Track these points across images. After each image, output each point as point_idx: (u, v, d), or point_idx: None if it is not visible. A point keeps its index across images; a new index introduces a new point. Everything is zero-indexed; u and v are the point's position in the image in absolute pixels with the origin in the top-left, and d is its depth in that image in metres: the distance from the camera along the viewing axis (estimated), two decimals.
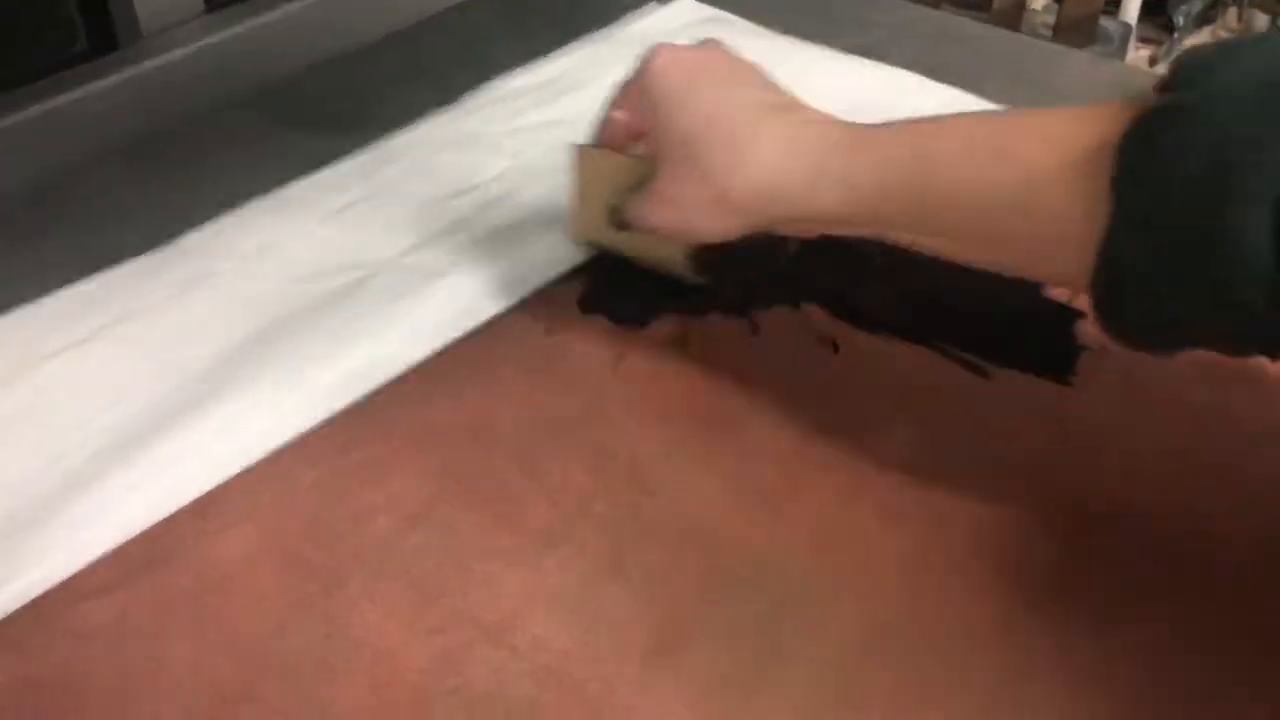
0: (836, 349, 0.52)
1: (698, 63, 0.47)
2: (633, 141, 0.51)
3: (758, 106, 0.45)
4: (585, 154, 0.53)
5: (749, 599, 0.42)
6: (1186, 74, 0.35)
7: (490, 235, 0.58)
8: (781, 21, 0.76)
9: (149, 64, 0.74)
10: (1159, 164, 0.34)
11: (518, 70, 0.72)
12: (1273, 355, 0.36)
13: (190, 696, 0.39)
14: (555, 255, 0.57)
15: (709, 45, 0.49)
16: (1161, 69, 1.33)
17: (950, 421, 0.49)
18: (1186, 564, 0.43)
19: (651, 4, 0.78)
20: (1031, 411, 0.49)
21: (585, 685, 0.39)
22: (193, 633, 0.41)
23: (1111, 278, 0.36)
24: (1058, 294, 0.53)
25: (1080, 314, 0.53)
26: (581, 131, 0.53)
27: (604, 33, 0.75)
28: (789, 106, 0.46)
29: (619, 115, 0.51)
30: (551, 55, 0.73)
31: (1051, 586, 0.42)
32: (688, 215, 0.46)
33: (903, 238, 0.43)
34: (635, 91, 0.48)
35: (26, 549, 0.43)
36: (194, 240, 0.59)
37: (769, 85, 0.47)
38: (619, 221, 0.50)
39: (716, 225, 0.45)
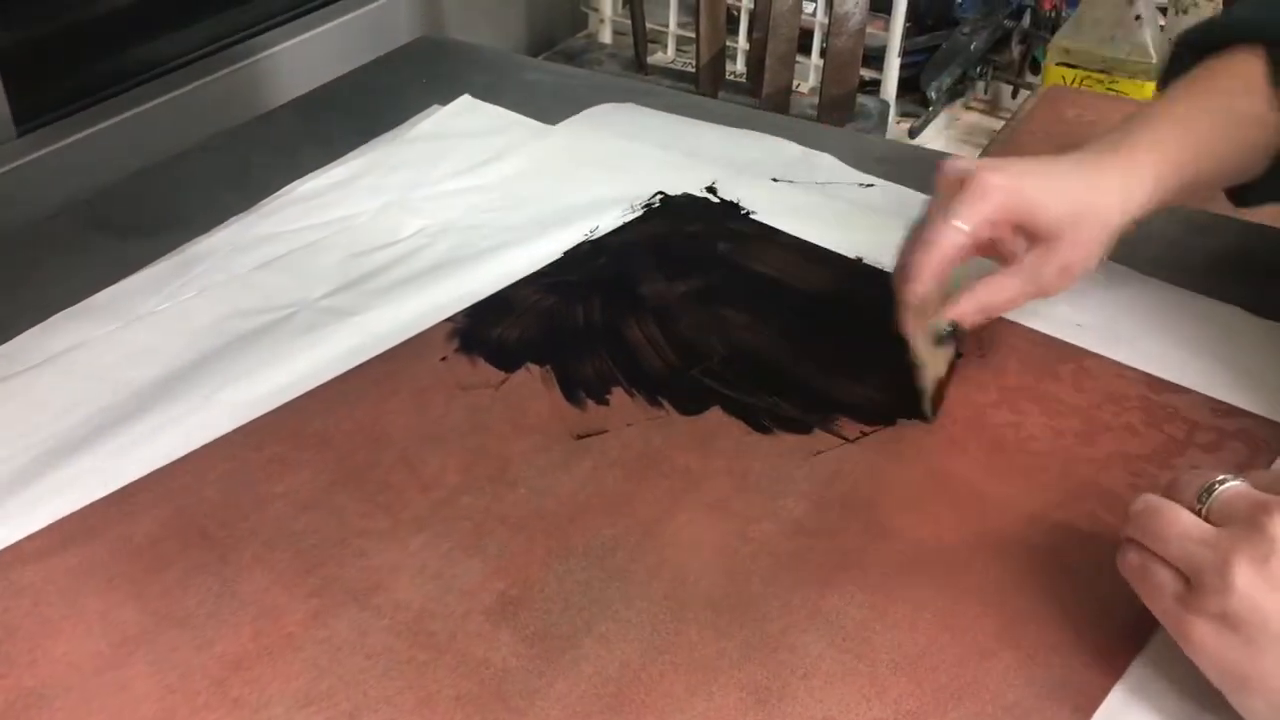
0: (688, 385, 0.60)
1: None
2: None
3: None
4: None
5: (584, 571, 0.49)
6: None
7: (393, 285, 0.67)
8: (550, 116, 0.84)
9: None
10: None
11: (311, 174, 0.77)
12: None
13: (98, 640, 0.46)
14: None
15: None
16: (922, 139, 1.48)
17: (774, 439, 0.56)
18: (981, 537, 0.50)
19: (433, 106, 0.86)
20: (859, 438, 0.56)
21: (434, 636, 0.46)
22: (105, 590, 0.48)
23: None
24: None
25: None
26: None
27: (392, 133, 0.83)
28: None
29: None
30: (345, 157, 0.79)
31: (843, 568, 0.49)
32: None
33: None
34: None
35: None
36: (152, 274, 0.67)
37: None
38: (945, 339, 0.56)
39: None
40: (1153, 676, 0.44)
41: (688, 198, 0.74)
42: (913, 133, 1.48)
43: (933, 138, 1.55)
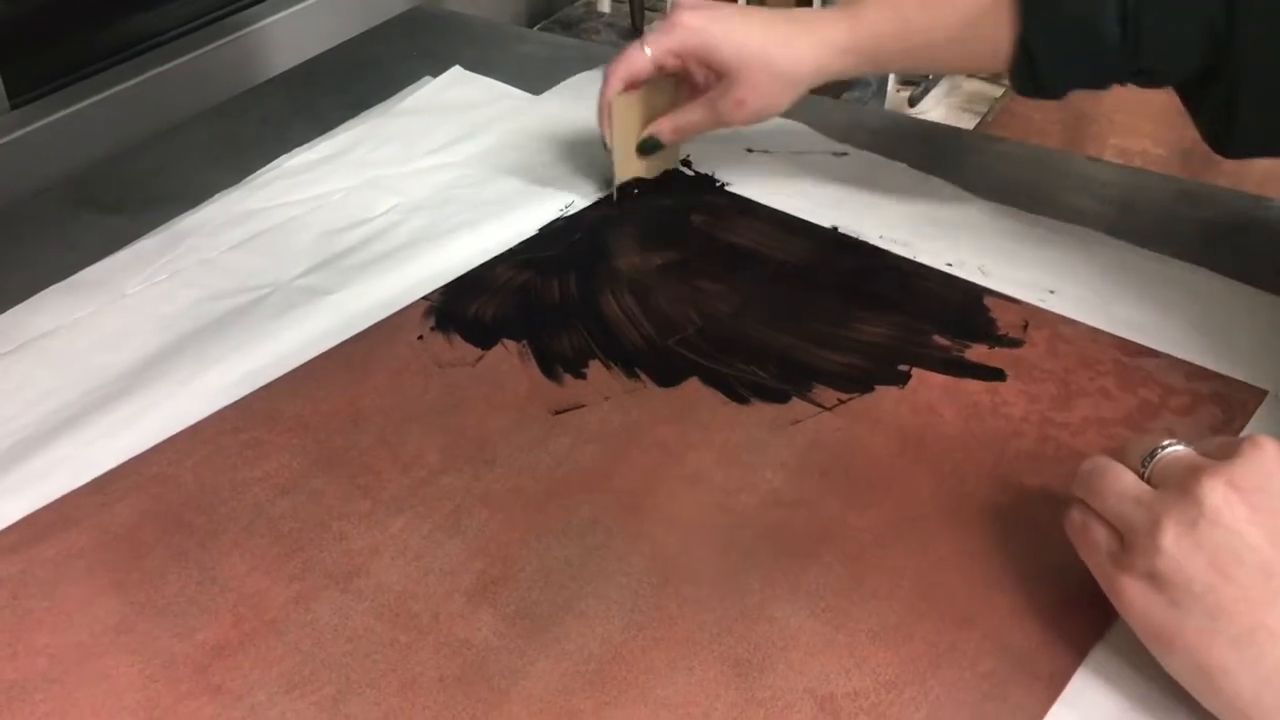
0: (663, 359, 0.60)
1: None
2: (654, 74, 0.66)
3: None
4: (618, 101, 0.67)
5: (563, 548, 0.49)
6: None
7: (366, 263, 0.66)
8: (543, 87, 0.84)
9: None
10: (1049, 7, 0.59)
11: (299, 149, 0.77)
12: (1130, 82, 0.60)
13: (78, 630, 0.46)
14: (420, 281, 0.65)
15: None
16: (922, 108, 1.49)
17: (752, 408, 0.56)
18: (957, 504, 0.50)
19: (425, 77, 0.85)
20: (838, 413, 0.57)
21: (417, 617, 0.47)
22: (85, 580, 0.48)
23: (1027, 57, 0.60)
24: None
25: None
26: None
27: (382, 106, 0.82)
28: None
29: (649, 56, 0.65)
30: (333, 131, 0.79)
31: (822, 538, 0.50)
32: None
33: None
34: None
35: None
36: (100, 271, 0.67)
37: None
38: (647, 150, 0.70)
39: None
40: (1127, 646, 0.44)
41: (662, 172, 0.74)
42: (912, 101, 1.47)
43: (933, 106, 1.54)
